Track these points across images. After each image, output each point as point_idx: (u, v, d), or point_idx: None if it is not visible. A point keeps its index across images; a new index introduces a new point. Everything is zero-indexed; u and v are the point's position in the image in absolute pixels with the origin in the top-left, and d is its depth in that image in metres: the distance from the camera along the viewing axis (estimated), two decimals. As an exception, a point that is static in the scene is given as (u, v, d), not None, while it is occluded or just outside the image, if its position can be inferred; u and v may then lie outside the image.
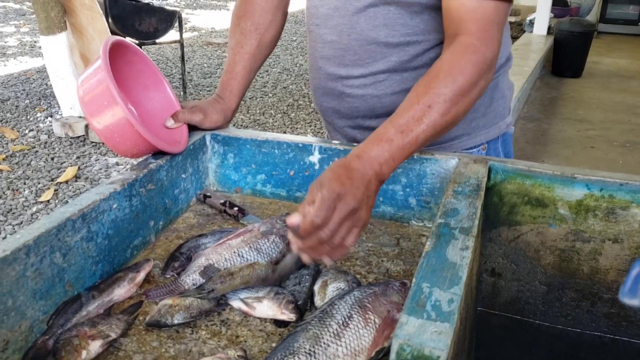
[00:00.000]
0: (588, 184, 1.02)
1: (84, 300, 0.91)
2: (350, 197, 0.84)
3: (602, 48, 8.20)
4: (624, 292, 0.50)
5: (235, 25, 1.31)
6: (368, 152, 0.91)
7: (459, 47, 1.00)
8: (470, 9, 1.00)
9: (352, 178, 0.86)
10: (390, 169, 0.92)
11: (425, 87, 0.96)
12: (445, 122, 0.96)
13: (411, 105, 0.95)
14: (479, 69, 0.98)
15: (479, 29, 1.00)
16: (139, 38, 5.05)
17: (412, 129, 0.93)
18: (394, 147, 0.92)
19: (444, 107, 0.95)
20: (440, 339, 0.62)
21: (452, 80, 0.96)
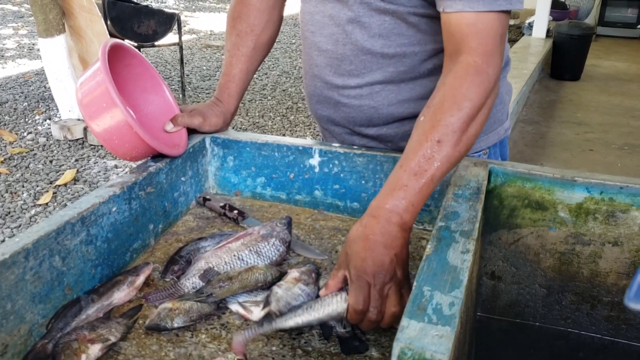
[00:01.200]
0: (588, 187, 1.02)
1: (84, 303, 0.91)
2: (376, 268, 0.83)
3: (601, 51, 8.22)
4: (629, 297, 0.50)
5: (231, 27, 1.31)
6: (383, 206, 0.87)
7: (461, 69, 0.95)
8: (470, 22, 0.96)
9: (372, 248, 0.84)
10: (413, 215, 0.88)
11: (432, 121, 0.92)
12: (459, 153, 0.92)
13: (420, 144, 0.91)
14: (484, 89, 0.94)
15: (480, 43, 0.96)
16: (138, 40, 5.05)
17: (426, 169, 0.89)
18: (410, 192, 0.88)
19: (454, 139, 0.91)
20: (441, 342, 0.62)
21: (457, 108, 0.92)
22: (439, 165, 0.89)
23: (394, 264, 0.84)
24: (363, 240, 0.85)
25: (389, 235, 0.85)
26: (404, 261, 0.86)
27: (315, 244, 1.13)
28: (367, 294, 0.83)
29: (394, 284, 0.84)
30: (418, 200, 0.88)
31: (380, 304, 0.83)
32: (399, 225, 0.86)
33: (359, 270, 0.83)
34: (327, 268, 1.05)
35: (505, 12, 0.97)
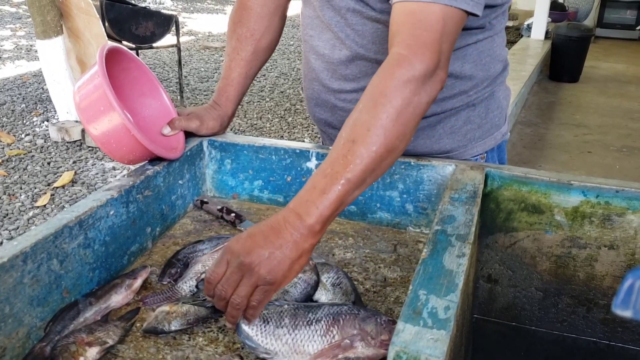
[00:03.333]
0: (584, 191, 1.03)
1: (81, 306, 0.91)
2: (240, 250, 0.80)
3: (600, 53, 8.23)
4: (616, 303, 0.51)
5: (232, 31, 1.32)
6: (287, 206, 0.82)
7: (385, 64, 0.88)
8: (409, 11, 0.88)
9: (253, 233, 0.81)
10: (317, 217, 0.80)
11: (352, 120, 0.85)
12: (376, 155, 0.82)
13: (337, 144, 0.85)
14: (405, 85, 0.84)
15: (412, 34, 0.87)
16: (136, 42, 5.05)
17: (339, 170, 0.81)
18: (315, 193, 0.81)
19: (370, 139, 0.82)
20: (436, 346, 0.63)
21: (373, 104, 0.84)
22: (352, 169, 0.81)
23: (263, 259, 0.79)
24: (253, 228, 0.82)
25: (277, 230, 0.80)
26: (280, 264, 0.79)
27: (313, 247, 1.13)
28: (223, 270, 0.80)
29: (254, 277, 0.79)
30: (325, 205, 0.81)
31: (230, 288, 0.80)
32: (291, 225, 0.80)
33: (227, 246, 0.81)
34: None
35: (455, 9, 0.89)
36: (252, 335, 0.83)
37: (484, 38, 1.15)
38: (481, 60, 1.16)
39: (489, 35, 1.16)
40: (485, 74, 1.18)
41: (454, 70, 1.13)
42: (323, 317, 0.84)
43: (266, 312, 0.85)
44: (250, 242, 0.80)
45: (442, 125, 1.19)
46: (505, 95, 1.29)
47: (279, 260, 0.79)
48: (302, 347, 0.82)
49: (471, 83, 1.17)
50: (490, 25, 1.14)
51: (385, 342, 0.81)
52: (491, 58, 1.18)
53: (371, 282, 1.03)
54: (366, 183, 0.84)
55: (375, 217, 1.22)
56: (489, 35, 1.16)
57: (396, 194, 1.18)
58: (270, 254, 0.79)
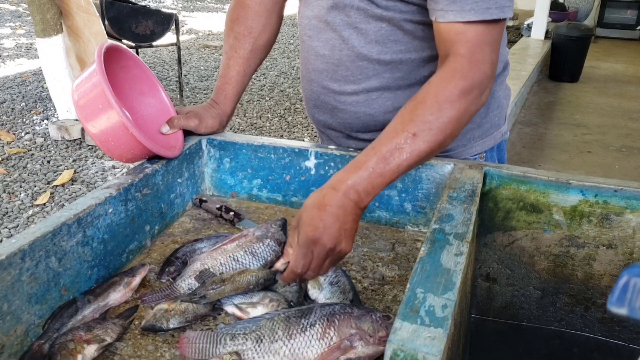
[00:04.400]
0: (583, 190, 1.03)
1: (80, 304, 0.91)
2: (325, 239, 0.87)
3: (600, 53, 8.23)
4: (611, 301, 0.50)
5: (229, 29, 1.31)
6: (345, 181, 0.90)
7: (448, 71, 0.96)
8: (459, 31, 0.96)
9: (325, 219, 0.87)
10: (370, 196, 0.91)
11: (411, 114, 0.94)
12: (430, 150, 0.93)
13: (396, 133, 0.93)
14: (466, 95, 0.95)
15: (468, 51, 0.96)
16: (136, 41, 5.05)
17: (395, 156, 0.91)
18: (374, 175, 0.90)
19: (429, 136, 0.92)
20: (433, 344, 0.63)
21: (438, 108, 0.93)
22: (408, 157, 0.91)
23: (342, 237, 0.89)
24: (318, 209, 0.88)
25: (344, 209, 0.88)
26: (351, 236, 0.91)
27: (311, 246, 1.13)
28: (310, 260, 0.89)
29: (336, 254, 0.90)
30: (379, 184, 0.91)
31: (318, 270, 0.90)
32: (355, 202, 0.89)
33: (308, 237, 0.88)
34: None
35: (497, 21, 0.96)
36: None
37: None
38: None
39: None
40: None
41: None
42: (317, 320, 0.84)
43: (259, 332, 0.84)
44: (329, 228, 0.88)
45: None
46: (505, 95, 1.29)
47: (350, 234, 0.90)
48: (301, 355, 0.82)
49: None
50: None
51: (383, 338, 0.82)
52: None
53: (369, 281, 1.03)
54: (413, 167, 0.95)
55: (373, 216, 1.22)
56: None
57: (395, 192, 1.18)
58: (345, 232, 0.89)
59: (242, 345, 0.83)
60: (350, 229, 0.90)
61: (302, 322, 0.84)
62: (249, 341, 0.83)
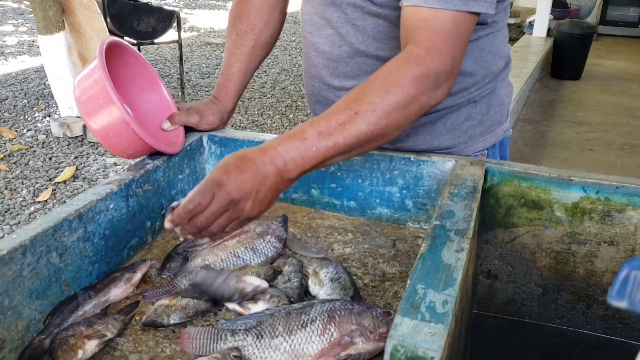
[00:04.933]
0: (584, 187, 1.03)
1: (81, 300, 0.91)
2: (231, 186, 0.83)
3: (602, 50, 8.21)
4: (612, 294, 0.50)
5: (232, 26, 1.31)
6: (275, 146, 0.87)
7: (402, 56, 0.93)
8: (422, 17, 0.92)
9: (242, 169, 0.84)
10: (299, 168, 0.87)
11: (357, 94, 0.91)
12: (371, 133, 0.89)
13: (338, 110, 0.90)
14: (418, 82, 0.90)
15: (428, 39, 0.92)
16: (137, 38, 5.05)
17: (332, 133, 0.87)
18: (306, 146, 0.87)
19: (372, 117, 0.88)
20: (434, 340, 0.63)
21: (385, 89, 0.90)
22: (346, 136, 0.88)
23: (251, 196, 0.84)
24: (238, 159, 0.85)
25: (264, 172, 0.85)
26: (261, 201, 0.86)
27: (312, 242, 1.14)
28: (207, 203, 0.83)
29: (238, 211, 0.85)
30: (310, 158, 0.87)
31: (211, 219, 0.84)
32: (279, 170, 0.86)
33: (215, 177, 0.83)
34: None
35: (467, 13, 0.93)
36: (250, 356, 0.82)
37: (485, 35, 1.14)
38: (482, 57, 1.15)
39: (491, 31, 1.15)
40: (487, 70, 1.17)
41: None
42: (317, 316, 0.84)
43: (259, 328, 0.84)
44: (240, 179, 0.83)
45: (443, 121, 1.19)
46: (507, 92, 1.28)
47: (261, 199, 0.85)
48: (302, 351, 0.82)
49: (472, 80, 1.16)
50: (492, 21, 1.13)
51: (384, 334, 0.82)
52: (493, 55, 1.17)
53: (370, 277, 1.03)
54: (348, 155, 0.91)
55: (374, 213, 1.22)
56: (491, 32, 1.15)
57: (396, 189, 1.18)
58: (256, 193, 0.84)
59: (242, 341, 0.83)
60: (263, 196, 0.85)
61: (302, 318, 0.84)
62: (250, 337, 0.83)
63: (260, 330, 0.84)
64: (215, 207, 0.83)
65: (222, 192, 0.83)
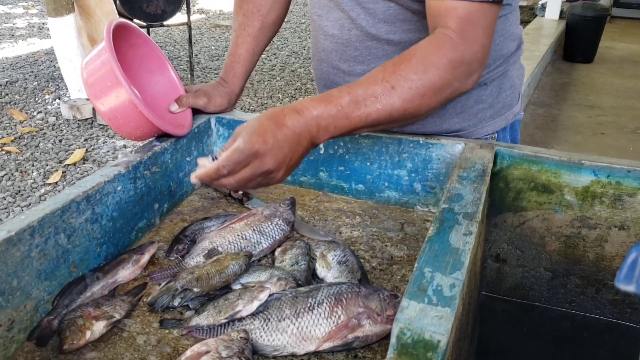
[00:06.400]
0: (595, 170, 1.02)
1: (89, 281, 0.91)
2: (268, 158, 0.83)
3: (615, 33, 8.10)
4: (619, 278, 0.50)
5: (238, 7, 1.30)
6: (310, 109, 0.86)
7: (438, 38, 0.92)
8: (451, 7, 0.92)
9: (278, 137, 0.83)
10: (328, 135, 0.88)
11: (394, 67, 0.90)
12: (404, 111, 0.89)
13: (375, 81, 0.89)
14: (454, 67, 0.91)
15: (459, 26, 0.92)
16: (147, 20, 5.03)
17: (367, 104, 0.87)
18: (341, 114, 0.87)
19: (407, 94, 0.89)
20: (440, 323, 0.62)
21: (423, 70, 0.90)
22: (379, 109, 0.88)
23: (284, 164, 0.85)
24: (275, 124, 0.84)
25: (299, 137, 0.84)
26: (292, 168, 0.87)
27: (320, 225, 1.13)
28: (240, 168, 0.83)
29: (269, 179, 0.86)
30: (342, 127, 0.87)
31: (243, 185, 0.85)
32: (312, 136, 0.86)
33: (254, 147, 0.82)
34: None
35: (491, 4, 0.93)
36: (258, 339, 0.82)
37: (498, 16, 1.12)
38: (494, 39, 1.13)
39: (503, 13, 1.12)
40: (498, 53, 1.16)
41: None
42: (324, 299, 0.84)
43: (267, 311, 0.84)
44: (277, 149, 0.83)
45: (453, 104, 1.17)
46: (518, 75, 1.26)
47: (292, 166, 0.87)
48: (309, 333, 0.82)
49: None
50: (505, 3, 1.11)
51: (391, 317, 0.81)
52: (504, 37, 1.15)
53: (377, 261, 1.03)
54: (376, 128, 0.91)
55: (383, 196, 1.21)
56: (502, 14, 1.12)
57: (404, 172, 1.17)
58: (289, 161, 0.85)
59: (249, 325, 0.83)
60: (295, 161, 0.86)
61: (309, 301, 0.84)
62: (257, 320, 0.84)
63: (268, 314, 0.84)
64: (249, 173, 0.84)
65: (257, 162, 0.83)
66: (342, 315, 0.82)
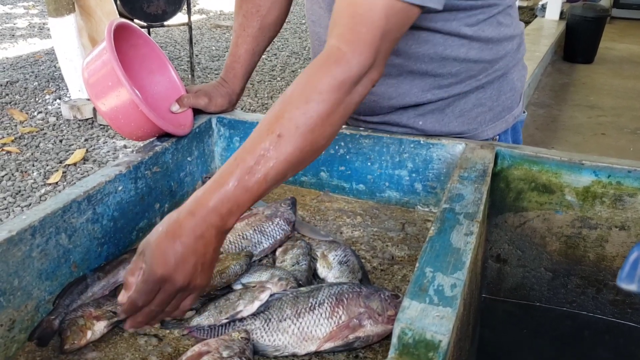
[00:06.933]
0: (595, 171, 1.02)
1: (90, 281, 0.91)
2: (178, 277, 0.75)
3: (615, 34, 8.10)
4: (621, 277, 0.50)
5: (238, 7, 1.30)
6: (205, 204, 0.77)
7: (322, 56, 0.83)
8: (350, 3, 0.83)
9: (178, 253, 0.75)
10: (236, 216, 0.79)
11: (278, 109, 0.81)
12: (301, 152, 0.80)
13: (261, 136, 0.79)
14: (340, 82, 0.81)
15: (351, 29, 0.82)
16: (147, 20, 5.03)
17: (260, 166, 0.77)
18: (237, 191, 0.77)
19: (296, 135, 0.79)
20: (442, 323, 0.62)
21: (305, 100, 0.80)
22: (275, 164, 0.78)
23: (198, 272, 0.77)
24: (172, 240, 0.75)
25: (203, 239, 0.76)
26: (210, 267, 0.79)
27: (320, 225, 1.13)
28: (152, 296, 0.76)
29: (190, 290, 0.78)
30: (245, 200, 0.78)
31: (162, 306, 0.77)
32: (217, 228, 0.77)
33: (156, 274, 0.75)
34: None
35: (403, 3, 0.83)
36: (259, 339, 0.83)
37: (485, 18, 1.08)
38: (487, 43, 1.10)
39: (493, 13, 1.09)
40: (494, 55, 1.12)
41: (459, 56, 1.08)
42: (325, 299, 0.84)
43: (267, 311, 0.84)
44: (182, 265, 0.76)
45: (451, 108, 1.16)
46: (519, 76, 1.22)
47: (208, 266, 0.78)
48: (310, 334, 0.82)
49: (479, 67, 1.12)
50: (491, 4, 1.07)
51: (392, 317, 0.81)
52: (499, 39, 1.12)
53: (378, 260, 1.03)
54: (287, 177, 0.82)
55: (383, 196, 1.21)
56: (491, 15, 1.09)
57: (405, 172, 1.17)
58: (202, 265, 0.77)
59: (250, 325, 0.83)
60: (209, 261, 0.78)
61: (310, 301, 0.84)
62: (258, 320, 0.84)
63: (269, 314, 0.84)
64: (165, 296, 0.76)
65: (168, 285, 0.75)
66: (343, 316, 0.82)
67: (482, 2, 1.06)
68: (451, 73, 1.10)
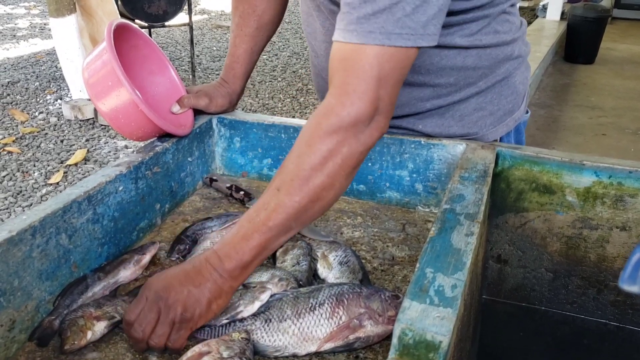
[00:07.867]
0: (596, 171, 1.01)
1: (90, 281, 0.91)
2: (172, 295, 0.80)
3: (616, 34, 8.09)
4: (623, 278, 0.50)
5: (235, 7, 1.30)
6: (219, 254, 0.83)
7: (316, 111, 0.85)
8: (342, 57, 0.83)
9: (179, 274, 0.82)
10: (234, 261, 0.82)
11: (280, 168, 0.85)
12: (297, 204, 0.82)
13: (266, 192, 0.85)
14: (331, 135, 0.82)
15: (343, 82, 0.83)
16: (148, 21, 5.03)
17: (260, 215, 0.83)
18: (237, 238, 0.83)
19: (290, 187, 0.82)
20: (442, 324, 0.62)
21: (297, 154, 0.83)
22: (275, 216, 0.82)
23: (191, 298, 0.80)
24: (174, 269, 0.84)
25: (198, 270, 0.82)
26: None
27: (321, 226, 1.13)
28: (141, 308, 0.81)
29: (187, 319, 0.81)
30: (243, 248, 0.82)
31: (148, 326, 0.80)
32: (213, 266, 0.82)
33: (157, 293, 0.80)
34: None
35: (395, 48, 0.81)
36: (259, 340, 0.82)
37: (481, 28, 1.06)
38: (484, 50, 1.09)
39: (488, 22, 1.06)
40: (492, 61, 1.11)
41: (456, 64, 1.07)
42: (326, 299, 0.84)
43: (268, 311, 0.84)
44: (170, 279, 0.82)
45: (452, 113, 1.14)
46: (522, 79, 1.19)
47: (196, 297, 0.81)
48: (310, 334, 0.81)
49: (477, 73, 1.10)
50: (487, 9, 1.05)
51: (392, 318, 0.81)
52: (497, 45, 1.10)
53: (379, 261, 1.03)
54: (292, 230, 0.85)
55: (384, 197, 1.21)
56: (488, 23, 1.07)
57: (406, 173, 1.17)
58: (188, 291, 0.81)
59: (251, 325, 0.83)
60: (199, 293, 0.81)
61: (311, 302, 0.84)
62: (258, 321, 0.84)
63: (269, 314, 0.84)
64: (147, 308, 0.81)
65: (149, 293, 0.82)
66: (343, 316, 0.82)
67: (474, 15, 1.04)
68: (449, 82, 1.10)
